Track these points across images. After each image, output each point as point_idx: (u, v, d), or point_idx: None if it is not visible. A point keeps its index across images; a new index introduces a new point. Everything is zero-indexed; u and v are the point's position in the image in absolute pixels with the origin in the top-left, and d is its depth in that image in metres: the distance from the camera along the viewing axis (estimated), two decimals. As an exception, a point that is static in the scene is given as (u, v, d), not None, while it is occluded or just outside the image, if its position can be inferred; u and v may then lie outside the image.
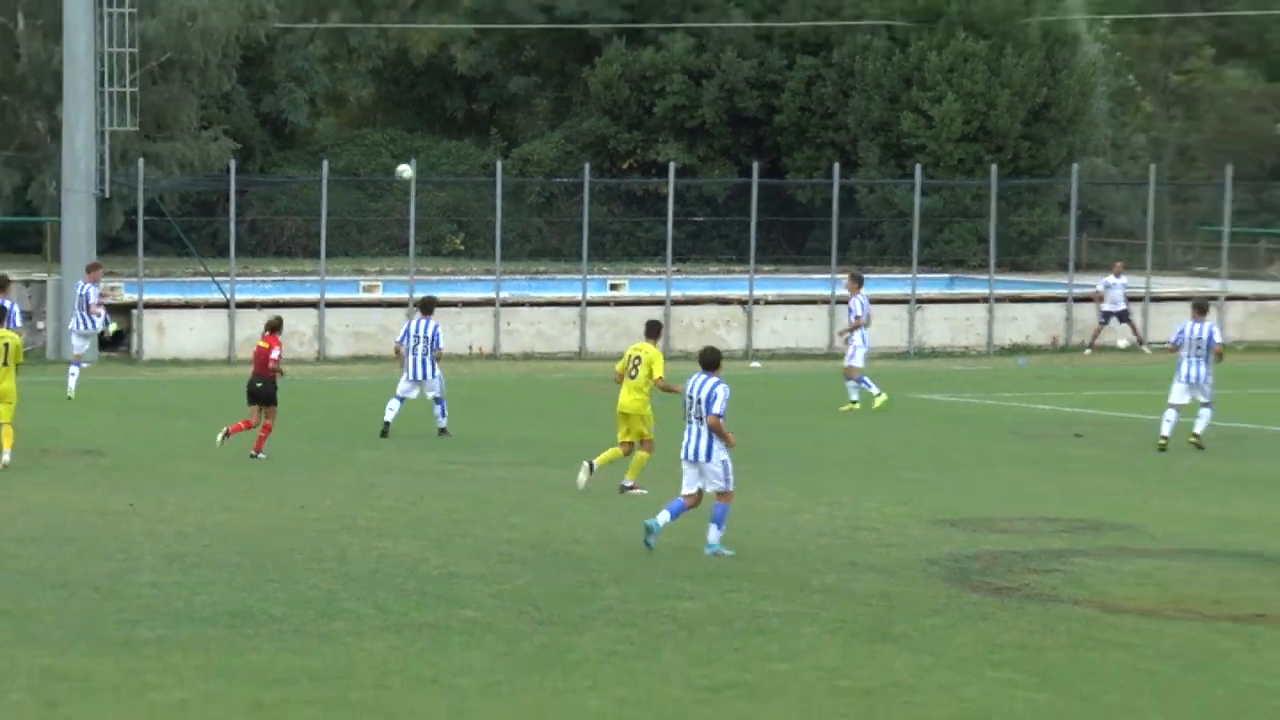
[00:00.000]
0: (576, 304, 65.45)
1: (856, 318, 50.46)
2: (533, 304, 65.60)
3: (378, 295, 66.00)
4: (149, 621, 22.38)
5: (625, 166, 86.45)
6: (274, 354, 42.00)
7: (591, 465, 34.40)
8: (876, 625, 25.34)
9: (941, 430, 48.92)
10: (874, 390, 49.00)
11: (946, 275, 78.42)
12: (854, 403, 47.10)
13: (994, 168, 72.36)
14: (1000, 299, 69.44)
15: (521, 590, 26.57)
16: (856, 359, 50.43)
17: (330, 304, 61.47)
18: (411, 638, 23.11)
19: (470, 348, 64.17)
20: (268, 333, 42.69)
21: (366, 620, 24.09)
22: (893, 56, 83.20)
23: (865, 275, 59.95)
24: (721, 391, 29.77)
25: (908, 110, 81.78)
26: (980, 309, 69.06)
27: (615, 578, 27.66)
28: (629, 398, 35.69)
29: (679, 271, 71.55)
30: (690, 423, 29.73)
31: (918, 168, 71.15)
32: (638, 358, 35.51)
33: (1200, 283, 75.47)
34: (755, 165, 70.10)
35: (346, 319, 61.77)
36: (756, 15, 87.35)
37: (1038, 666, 22.72)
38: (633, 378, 35.39)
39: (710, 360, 29.99)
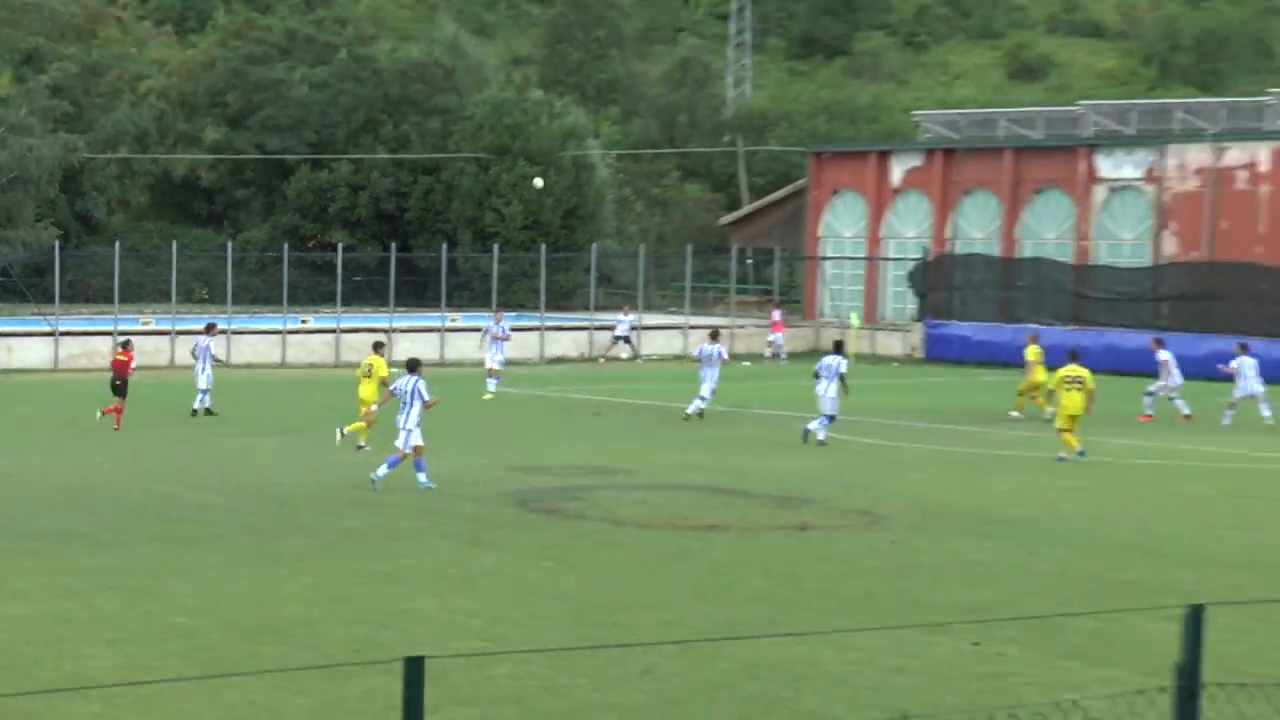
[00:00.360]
0: (280, 332, 69.11)
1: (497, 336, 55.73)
2: (252, 332, 68.74)
3: (152, 326, 67.90)
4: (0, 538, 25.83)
5: (310, 245, 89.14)
6: (131, 364, 45.13)
7: (342, 431, 37.70)
8: (471, 534, 28.68)
9: (516, 411, 51.47)
10: (491, 388, 52.56)
11: (515, 313, 78.04)
12: (491, 394, 50.86)
13: (543, 247, 77.30)
14: (548, 328, 73.85)
15: (245, 514, 29.68)
16: (495, 362, 54.93)
17: (121, 333, 59.64)
18: (172, 546, 26.07)
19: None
20: (122, 349, 45.93)
21: (142, 534, 27.12)
22: (479, 176, 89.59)
23: (460, 315, 71.38)
24: (423, 385, 33.44)
25: (489, 210, 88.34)
26: (534, 335, 72.92)
27: (305, 506, 30.80)
28: (366, 390, 39.42)
29: (346, 311, 73.81)
30: (405, 405, 32.89)
31: (495, 247, 76.72)
32: (370, 365, 39.54)
33: (673, 318, 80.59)
34: (393, 245, 76.41)
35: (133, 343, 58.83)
36: (393, 150, 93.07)
37: (572, 559, 26.09)
38: (368, 377, 39.18)
39: (413, 365, 33.66)
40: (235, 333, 64.68)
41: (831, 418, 42.33)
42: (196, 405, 43.47)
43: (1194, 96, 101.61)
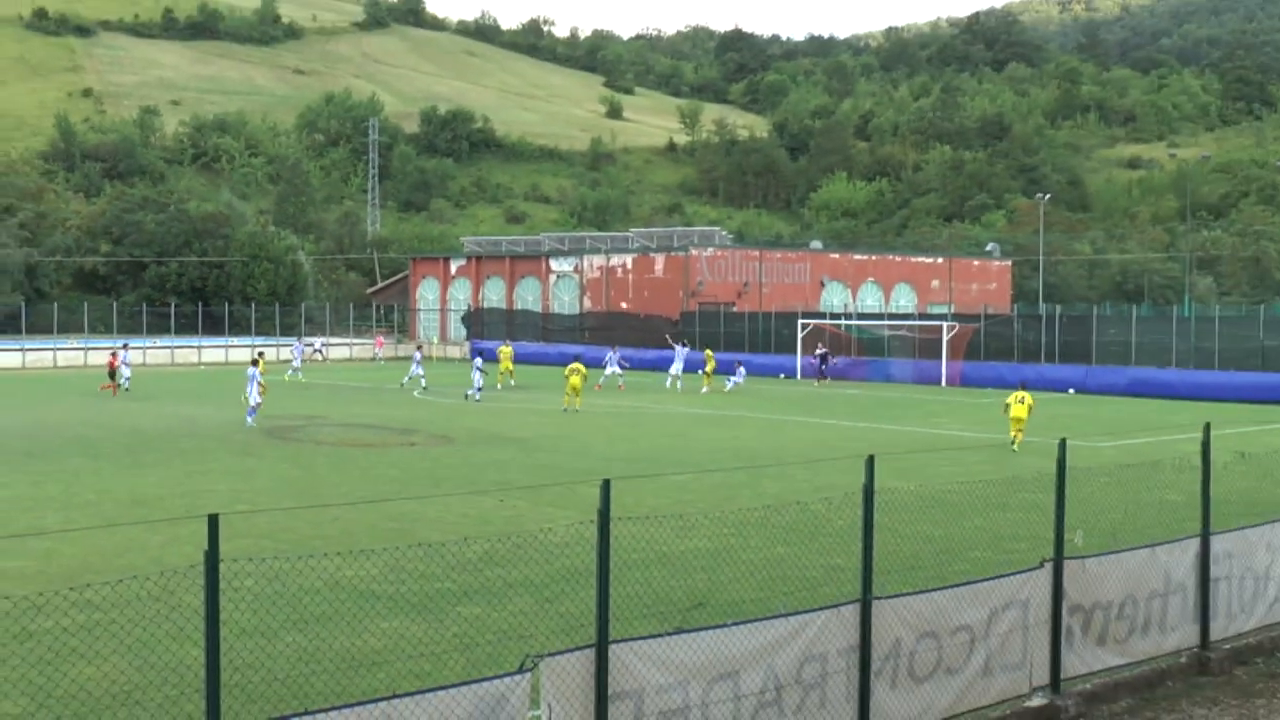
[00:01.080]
0: (145, 349, 64.46)
1: None
2: (141, 348, 55.86)
3: (74, 345, 66.65)
4: None
5: (157, 303, 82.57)
6: (116, 363, 44.22)
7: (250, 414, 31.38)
8: (243, 449, 29.25)
9: (275, 389, 46.55)
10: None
11: (265, 335, 76.52)
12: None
13: (277, 305, 78.16)
14: (280, 345, 69.18)
15: (123, 443, 27.42)
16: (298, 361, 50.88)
17: (105, 349, 57.65)
18: (85, 459, 24.77)
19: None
20: (111, 355, 45.71)
21: (70, 453, 25.92)
22: (244, 266, 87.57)
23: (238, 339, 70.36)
24: (258, 373, 31.26)
25: (249, 286, 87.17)
26: (276, 349, 71.80)
27: (156, 437, 28.47)
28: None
29: (178, 336, 72.45)
30: (251, 382, 30.50)
31: (253, 304, 77.37)
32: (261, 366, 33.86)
33: (347, 339, 78.85)
34: (200, 304, 76.17)
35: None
36: (199, 254, 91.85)
37: (294, 461, 25.57)
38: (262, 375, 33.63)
39: (254, 361, 30.56)
40: (136, 348, 61.08)
41: (480, 389, 41.69)
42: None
43: (594, 232, 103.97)
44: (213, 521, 6.95)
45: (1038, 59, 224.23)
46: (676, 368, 51.20)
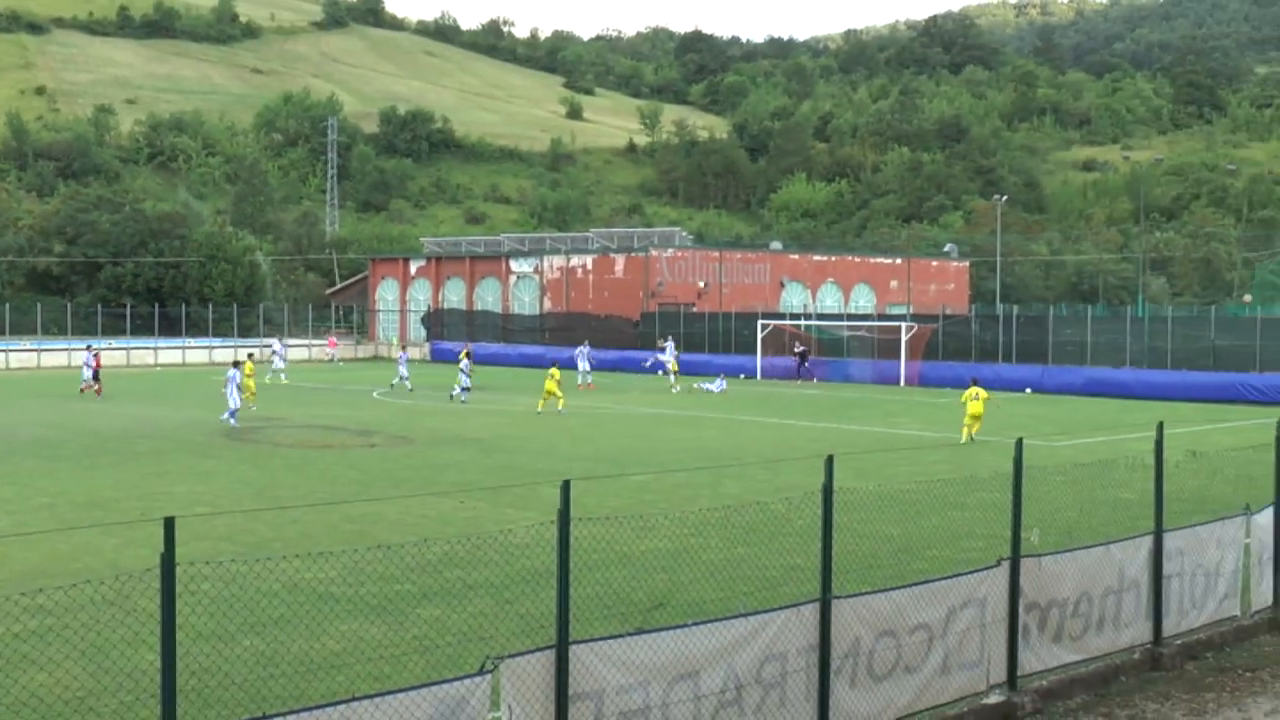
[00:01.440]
0: (106, 350, 56.21)
1: None
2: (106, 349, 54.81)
3: (28, 347, 66.71)
4: None
5: (112, 305, 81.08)
6: (98, 360, 44.57)
7: (230, 415, 31.31)
8: (201, 450, 29.07)
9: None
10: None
11: (223, 337, 76.84)
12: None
13: (235, 305, 78.13)
14: (242, 347, 68.91)
15: (80, 444, 27.43)
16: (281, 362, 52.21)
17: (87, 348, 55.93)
18: (40, 461, 24.78)
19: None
20: (94, 356, 45.39)
21: (26, 454, 25.88)
22: (202, 267, 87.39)
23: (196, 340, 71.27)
24: (236, 374, 31.32)
25: (206, 287, 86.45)
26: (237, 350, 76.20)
27: (113, 439, 28.39)
28: (250, 382, 35.97)
29: (133, 337, 71.92)
30: (230, 383, 30.36)
31: (211, 305, 77.65)
32: (249, 368, 35.84)
33: (306, 339, 76.13)
34: (157, 304, 76.13)
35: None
36: (155, 255, 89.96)
37: (254, 463, 25.46)
38: (249, 375, 35.55)
39: (237, 363, 27.77)
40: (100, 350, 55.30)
41: (466, 389, 41.72)
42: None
43: (554, 233, 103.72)
44: (169, 524, 6.90)
45: (994, 62, 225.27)
46: (669, 355, 52.37)
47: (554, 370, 39.14)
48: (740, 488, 22.34)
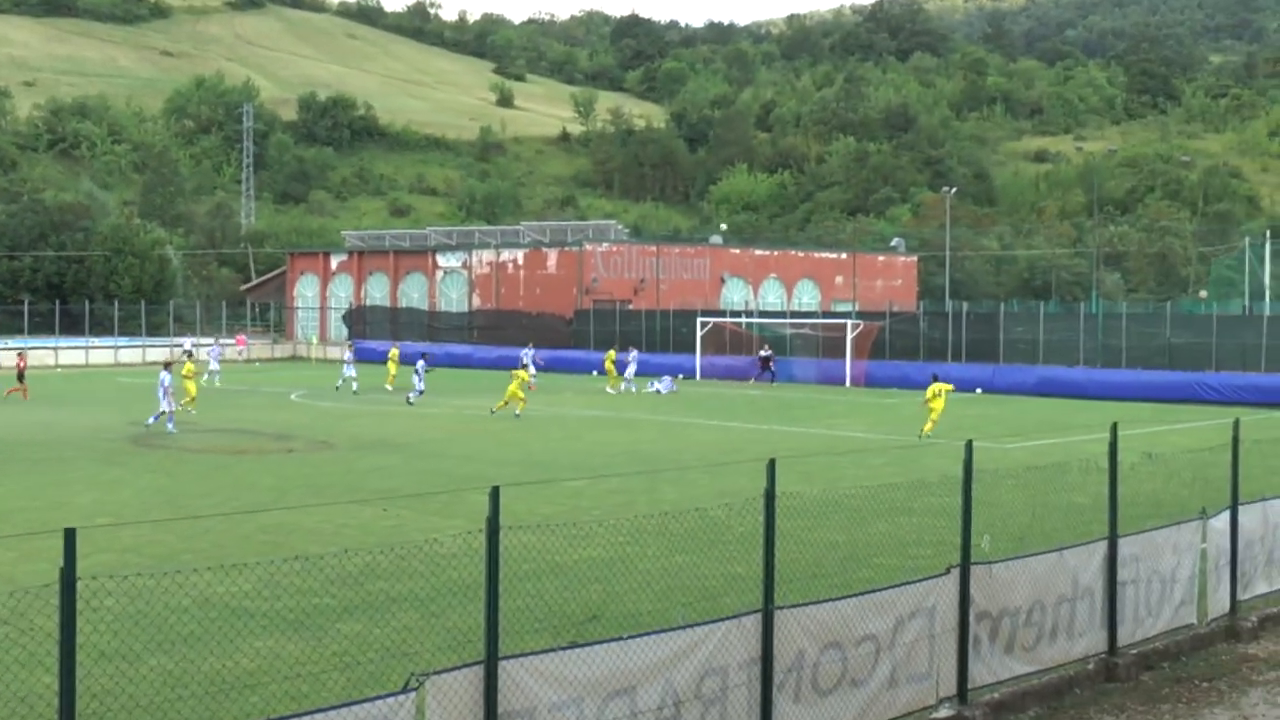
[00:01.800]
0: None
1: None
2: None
3: None
4: None
5: (10, 301, 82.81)
6: (24, 364, 45.16)
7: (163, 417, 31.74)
8: (107, 458, 28.77)
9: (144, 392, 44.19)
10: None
11: (130, 336, 76.70)
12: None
13: (143, 302, 77.27)
14: (151, 346, 72.89)
15: None
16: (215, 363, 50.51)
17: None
18: None
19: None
20: (18, 357, 46.85)
21: None
22: (107, 262, 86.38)
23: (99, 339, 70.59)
24: (166, 376, 31.44)
25: (112, 283, 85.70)
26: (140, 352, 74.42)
27: (23, 446, 28.86)
28: (190, 385, 36.82)
29: (32, 337, 71.80)
30: (163, 387, 30.59)
31: (116, 301, 76.74)
32: (189, 368, 36.65)
33: (214, 337, 77.82)
34: (58, 301, 75.54)
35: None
36: (57, 249, 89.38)
37: (161, 470, 26.01)
38: (188, 376, 36.04)
39: (167, 364, 28.93)
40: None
41: (420, 393, 42.60)
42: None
43: (484, 226, 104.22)
44: (69, 535, 6.82)
45: (943, 49, 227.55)
46: (631, 371, 52.77)
47: (520, 372, 39.41)
48: (679, 493, 22.46)
